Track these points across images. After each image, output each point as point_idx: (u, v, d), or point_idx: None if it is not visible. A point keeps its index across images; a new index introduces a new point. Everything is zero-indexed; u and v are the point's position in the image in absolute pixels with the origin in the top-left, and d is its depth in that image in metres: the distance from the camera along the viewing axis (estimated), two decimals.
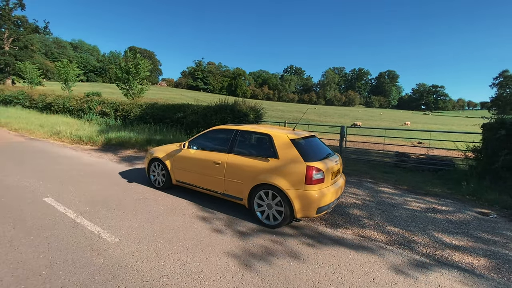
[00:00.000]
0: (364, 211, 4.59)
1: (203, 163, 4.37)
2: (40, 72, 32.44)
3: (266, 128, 4.24)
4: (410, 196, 5.57)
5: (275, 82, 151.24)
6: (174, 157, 4.82)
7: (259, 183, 3.73)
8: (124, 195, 4.70)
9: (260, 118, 11.57)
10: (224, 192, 4.17)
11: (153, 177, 5.26)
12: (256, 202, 3.83)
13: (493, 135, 6.18)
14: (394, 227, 3.98)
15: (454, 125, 44.40)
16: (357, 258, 3.03)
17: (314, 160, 3.64)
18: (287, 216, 3.56)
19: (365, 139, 14.14)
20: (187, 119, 11.66)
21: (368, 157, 10.13)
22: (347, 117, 44.38)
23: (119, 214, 3.87)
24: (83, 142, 10.29)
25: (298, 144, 3.82)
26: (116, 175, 6.04)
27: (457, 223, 4.25)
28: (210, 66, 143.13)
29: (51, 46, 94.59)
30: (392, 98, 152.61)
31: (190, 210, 4.18)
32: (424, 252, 3.27)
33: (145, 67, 21.76)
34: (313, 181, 3.46)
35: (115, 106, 15.50)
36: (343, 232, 3.74)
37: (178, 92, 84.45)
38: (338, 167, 4.14)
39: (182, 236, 3.31)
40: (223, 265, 2.74)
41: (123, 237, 3.20)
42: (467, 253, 3.31)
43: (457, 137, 11.64)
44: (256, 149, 4.10)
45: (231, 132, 4.35)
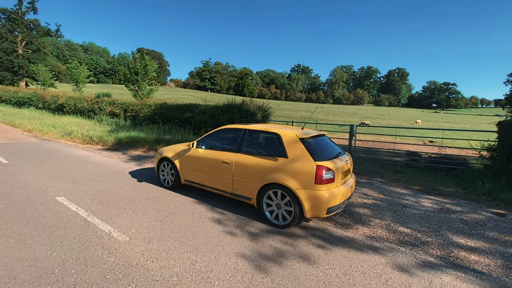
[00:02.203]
0: (375, 211, 4.51)
1: (212, 162, 4.37)
2: (52, 74, 33.25)
3: (275, 127, 4.20)
4: (422, 196, 5.43)
5: (282, 82, 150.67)
6: (183, 157, 4.84)
7: (268, 183, 3.70)
8: (134, 194, 4.75)
9: (267, 117, 11.53)
10: (232, 191, 4.16)
11: (162, 177, 5.29)
12: (265, 202, 3.81)
13: (510, 133, 5.97)
14: (406, 228, 3.89)
15: (467, 123, 43.27)
16: (369, 259, 2.97)
17: (324, 160, 3.59)
18: (296, 216, 3.52)
19: (375, 138, 13.91)
20: (195, 119, 11.72)
21: (378, 156, 9.96)
22: (356, 116, 43.82)
23: (129, 213, 3.91)
24: (93, 142, 10.47)
25: (307, 143, 3.77)
26: (126, 174, 6.12)
27: (472, 224, 4.12)
28: (217, 66, 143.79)
29: (63, 48, 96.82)
30: (402, 96, 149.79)
31: (199, 209, 4.19)
32: (438, 254, 3.18)
33: (152, 68, 22.04)
34: (323, 180, 3.41)
35: (125, 107, 15.74)
36: (353, 232, 3.68)
37: (186, 92, 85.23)
38: (349, 166, 4.07)
39: (191, 235, 3.32)
40: (233, 265, 2.72)
41: (133, 236, 3.23)
42: (483, 255, 3.20)
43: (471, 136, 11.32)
44: (265, 149, 4.07)
45: (239, 131, 4.33)
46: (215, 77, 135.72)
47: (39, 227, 3.35)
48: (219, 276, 2.53)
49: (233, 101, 11.61)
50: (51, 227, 3.38)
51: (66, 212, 3.82)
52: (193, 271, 2.60)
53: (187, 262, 2.73)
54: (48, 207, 3.97)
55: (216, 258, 2.84)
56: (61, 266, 2.58)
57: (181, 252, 2.92)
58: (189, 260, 2.78)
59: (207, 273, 2.58)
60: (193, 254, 2.90)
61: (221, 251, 2.98)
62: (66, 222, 3.51)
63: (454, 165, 7.53)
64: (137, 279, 2.44)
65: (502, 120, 6.48)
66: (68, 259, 2.70)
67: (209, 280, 2.47)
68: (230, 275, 2.56)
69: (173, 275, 2.52)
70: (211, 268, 2.66)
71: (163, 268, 2.61)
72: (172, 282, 2.42)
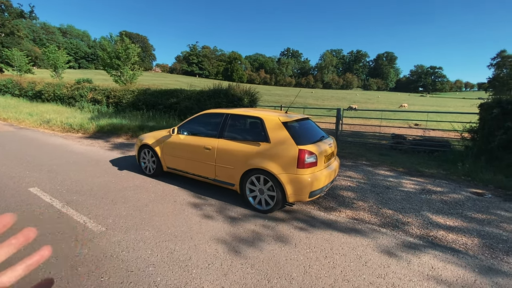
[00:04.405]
0: (358, 193, 4.53)
1: (193, 149, 4.23)
2: (29, 59, 31.43)
3: (257, 111, 4.07)
4: (405, 178, 5.51)
5: (272, 66, 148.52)
6: (164, 143, 4.67)
7: (251, 168, 3.62)
8: (114, 183, 4.59)
9: (255, 102, 11.32)
10: (215, 178, 4.06)
11: (144, 164, 5.13)
12: (248, 188, 3.74)
13: (490, 114, 6.08)
14: (388, 209, 3.93)
15: (451, 106, 44.27)
16: (350, 242, 2.97)
17: (307, 143, 3.51)
18: (279, 201, 3.48)
19: (362, 122, 14.01)
20: (181, 105, 11.40)
21: (365, 139, 10.04)
22: (345, 100, 43.98)
23: (107, 203, 3.77)
24: (74, 130, 10.07)
25: (290, 127, 3.67)
26: (106, 163, 5.91)
27: (452, 203, 4.22)
28: (205, 50, 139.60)
29: (39, 32, 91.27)
30: (390, 81, 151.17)
31: (181, 196, 4.09)
32: (418, 234, 3.23)
33: (135, 51, 21.10)
34: (306, 164, 3.35)
35: (107, 93, 15.14)
36: (336, 215, 3.68)
37: (173, 78, 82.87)
38: (332, 150, 4.03)
39: (171, 223, 3.23)
40: (212, 252, 2.67)
41: (109, 226, 3.11)
42: (461, 234, 3.27)
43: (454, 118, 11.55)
44: (247, 133, 3.95)
45: (221, 116, 4.18)
46: (203, 62, 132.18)
47: None
48: (198, 264, 2.47)
49: (219, 86, 11.32)
50: (21, 220, 3.21)
51: (39, 204, 3.64)
52: (171, 260, 2.52)
53: (165, 251, 2.65)
54: (20, 199, 3.77)
55: (196, 245, 2.77)
56: None
57: (159, 241, 2.84)
58: (168, 249, 2.70)
59: (185, 261, 2.51)
60: (172, 242, 2.82)
61: (202, 239, 2.91)
62: (38, 214, 3.34)
63: (437, 147, 7.67)
64: (111, 270, 2.35)
65: (484, 102, 6.56)
66: None
67: (187, 269, 2.40)
68: (209, 263, 2.50)
69: (149, 265, 2.44)
70: (190, 256, 2.60)
71: (139, 258, 2.53)
72: (147, 272, 2.35)
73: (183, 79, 77.25)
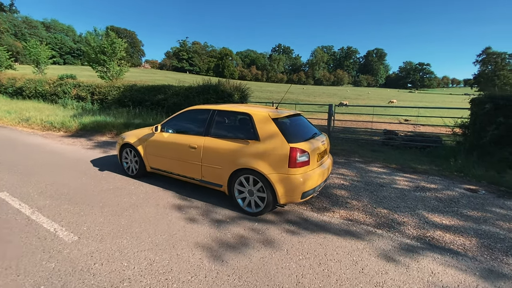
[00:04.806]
0: (352, 192, 4.37)
1: (178, 147, 3.96)
2: (9, 54, 30.03)
3: (246, 107, 3.82)
4: (398, 174, 5.40)
5: (263, 62, 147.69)
6: (147, 142, 4.37)
7: (239, 168, 3.38)
8: (93, 186, 4.27)
9: (245, 98, 11.05)
10: (202, 178, 3.81)
11: (126, 165, 4.82)
12: (237, 189, 3.50)
13: (482, 110, 6.02)
14: (383, 209, 3.78)
15: (439, 102, 45.09)
16: (345, 246, 2.79)
17: (299, 141, 3.30)
18: (269, 202, 3.26)
19: (353, 118, 13.95)
20: (168, 101, 11.02)
21: (357, 135, 9.94)
22: (336, 97, 44.13)
23: (83, 208, 3.47)
24: (55, 129, 9.58)
25: (280, 123, 3.45)
26: (87, 163, 5.56)
27: (447, 201, 4.10)
28: (195, 46, 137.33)
29: (21, 26, 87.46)
30: (380, 77, 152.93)
31: (165, 199, 3.82)
32: (415, 235, 3.08)
33: (121, 46, 20.40)
34: (297, 164, 3.13)
35: (92, 89, 14.58)
36: (330, 216, 3.50)
37: (162, 74, 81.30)
38: (325, 147, 3.83)
39: (152, 230, 2.97)
40: (196, 262, 2.43)
41: (83, 235, 2.82)
42: (458, 233, 3.15)
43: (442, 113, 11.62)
44: (235, 131, 3.70)
45: (207, 112, 3.91)
46: (193, 58, 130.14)
47: None
48: (179, 277, 2.23)
49: (209, 82, 10.99)
50: None
51: (6, 210, 3.31)
52: (149, 272, 2.27)
53: (143, 263, 2.40)
54: None
55: (179, 255, 2.53)
56: None
57: (138, 250, 2.58)
58: (146, 259, 2.44)
59: (165, 274, 2.26)
60: (152, 252, 2.56)
61: (185, 247, 2.66)
62: (3, 223, 3.02)
63: (428, 142, 7.63)
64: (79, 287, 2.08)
65: (475, 97, 6.51)
66: None
67: (166, 283, 2.16)
68: (192, 275, 2.27)
69: (124, 279, 2.18)
70: (171, 267, 2.35)
71: (113, 271, 2.26)
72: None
73: (173, 75, 75.83)
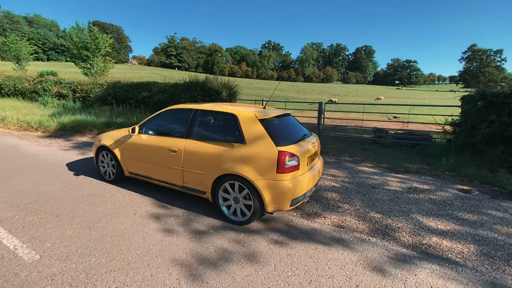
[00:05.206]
0: (343, 195, 4.18)
1: (157, 151, 3.65)
2: None
3: (231, 107, 3.54)
4: (390, 175, 5.25)
5: (254, 59, 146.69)
6: (124, 145, 4.03)
7: (223, 174, 3.11)
8: (65, 193, 3.92)
9: (234, 95, 10.73)
10: (184, 185, 3.52)
11: (103, 169, 4.46)
12: (221, 196, 3.23)
13: (474, 107, 5.94)
14: (376, 213, 3.60)
15: (426, 99, 45.79)
16: (337, 258, 2.58)
17: (288, 144, 3.05)
18: (256, 211, 3.01)
19: (343, 115, 13.86)
20: (153, 99, 10.58)
21: (347, 134, 9.82)
22: (326, 94, 44.20)
23: (50, 219, 3.12)
24: (32, 129, 9.03)
25: (268, 125, 3.19)
26: (62, 166, 5.16)
27: (441, 203, 3.97)
28: (184, 42, 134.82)
29: (2, 21, 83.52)
30: (368, 74, 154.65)
31: (143, 207, 3.51)
32: (411, 243, 2.90)
33: (106, 42, 19.63)
34: (286, 168, 2.89)
35: (73, 87, 13.95)
36: (321, 223, 3.29)
37: (150, 70, 79.40)
38: (316, 149, 3.61)
39: (125, 245, 2.67)
40: (173, 284, 2.15)
41: (46, 253, 2.50)
42: (455, 240, 2.99)
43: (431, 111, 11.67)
44: (219, 133, 3.42)
45: (189, 112, 3.61)
46: (182, 54, 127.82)
47: None
48: None
49: (196, 78, 10.61)
50: None
51: None
52: None
53: (111, 286, 2.11)
54: None
55: (153, 275, 2.25)
56: None
57: (107, 271, 2.28)
58: (116, 282, 2.15)
59: None
60: (123, 272, 2.27)
61: (161, 264, 2.38)
62: None
63: (419, 140, 7.56)
64: None
65: (467, 95, 6.44)
66: None
67: None
68: None
69: None
70: None
71: None
72: None
73: (161, 71, 74.13)
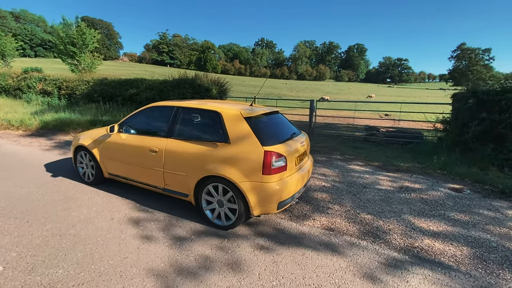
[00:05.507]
0: (334, 195, 4.06)
1: (137, 151, 3.43)
2: None
3: (215, 104, 3.35)
4: (382, 173, 5.16)
5: (247, 56, 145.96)
6: (103, 144, 3.80)
7: (207, 175, 2.93)
8: (41, 195, 3.67)
9: (225, 93, 10.52)
10: (165, 187, 3.32)
11: (82, 170, 4.22)
12: (205, 199, 3.06)
13: (464, 105, 5.89)
14: (367, 214, 3.48)
15: (417, 97, 46.39)
16: (326, 265, 2.44)
17: (275, 143, 2.89)
18: (241, 214, 2.84)
19: (335, 113, 13.79)
20: (141, 96, 10.27)
21: (338, 132, 9.74)
22: (318, 91, 44.27)
23: (19, 226, 2.89)
24: (13, 127, 8.65)
25: (254, 123, 3.02)
26: (40, 167, 4.88)
27: (432, 203, 3.88)
28: (176, 39, 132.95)
29: None
30: (361, 72, 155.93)
31: (122, 211, 3.30)
32: (402, 246, 2.79)
33: (93, 38, 19.05)
34: (273, 170, 2.73)
35: (59, 84, 13.48)
36: (309, 225, 3.15)
37: (141, 67, 78.12)
38: (305, 148, 3.45)
39: (99, 254, 2.47)
40: None
41: (10, 264, 2.28)
42: (447, 242, 2.89)
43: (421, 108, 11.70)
44: (202, 131, 3.21)
45: (171, 110, 3.41)
46: (174, 51, 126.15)
47: None
48: None
49: (185, 75, 10.35)
50: None
51: None
52: None
53: None
54: None
55: None
56: None
57: (74, 284, 2.08)
58: None
59: None
60: (92, 285, 2.07)
61: (135, 275, 2.20)
62: None
63: (410, 138, 7.52)
64: None
65: (457, 92, 6.41)
66: None
67: None
68: None
69: None
70: None
71: None
72: None
73: (152, 69, 73.01)
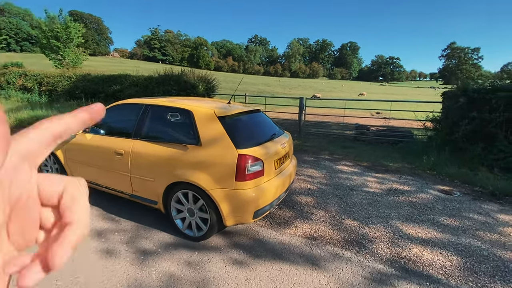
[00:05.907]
0: (319, 198, 3.83)
1: (102, 153, 3.12)
2: None
3: (187, 102, 3.06)
4: (370, 174, 4.97)
5: (240, 53, 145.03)
6: (67, 145, 3.47)
7: (175, 181, 2.65)
8: None
9: (212, 90, 10.19)
10: (133, 193, 3.02)
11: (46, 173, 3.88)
12: (174, 207, 2.78)
13: (454, 103, 5.75)
14: (352, 220, 3.26)
15: (408, 95, 46.85)
16: (305, 281, 2.20)
17: (251, 146, 2.62)
18: (214, 224, 2.58)
19: (326, 111, 13.60)
20: (125, 93, 9.86)
21: (328, 130, 9.55)
22: (311, 89, 44.19)
23: None
24: None
25: (229, 123, 2.74)
26: None
27: (421, 207, 3.69)
28: (168, 35, 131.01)
29: None
30: (353, 70, 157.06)
31: None
32: (389, 257, 2.57)
33: (78, 32, 18.40)
34: (248, 175, 2.46)
35: (39, 79, 12.93)
36: (291, 234, 2.91)
37: (132, 63, 76.43)
38: (286, 150, 3.19)
39: None
40: None
41: None
42: (436, 251, 2.69)
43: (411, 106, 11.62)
44: (171, 132, 2.92)
45: (139, 108, 3.10)
46: (166, 47, 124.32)
47: None
48: None
49: (171, 71, 9.97)
50: None
51: None
52: None
53: None
54: None
55: None
56: None
57: None
58: None
59: None
60: None
61: None
62: None
63: (400, 137, 7.38)
64: None
65: (448, 90, 6.26)
66: None
67: None
68: None
69: None
70: None
71: None
72: None
73: (144, 65, 71.60)
